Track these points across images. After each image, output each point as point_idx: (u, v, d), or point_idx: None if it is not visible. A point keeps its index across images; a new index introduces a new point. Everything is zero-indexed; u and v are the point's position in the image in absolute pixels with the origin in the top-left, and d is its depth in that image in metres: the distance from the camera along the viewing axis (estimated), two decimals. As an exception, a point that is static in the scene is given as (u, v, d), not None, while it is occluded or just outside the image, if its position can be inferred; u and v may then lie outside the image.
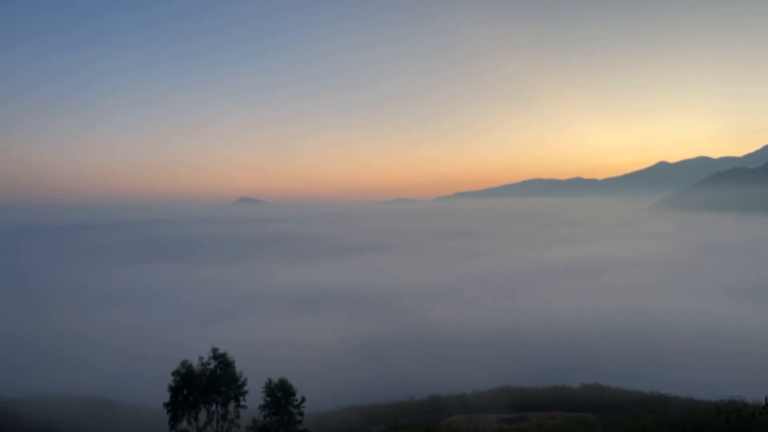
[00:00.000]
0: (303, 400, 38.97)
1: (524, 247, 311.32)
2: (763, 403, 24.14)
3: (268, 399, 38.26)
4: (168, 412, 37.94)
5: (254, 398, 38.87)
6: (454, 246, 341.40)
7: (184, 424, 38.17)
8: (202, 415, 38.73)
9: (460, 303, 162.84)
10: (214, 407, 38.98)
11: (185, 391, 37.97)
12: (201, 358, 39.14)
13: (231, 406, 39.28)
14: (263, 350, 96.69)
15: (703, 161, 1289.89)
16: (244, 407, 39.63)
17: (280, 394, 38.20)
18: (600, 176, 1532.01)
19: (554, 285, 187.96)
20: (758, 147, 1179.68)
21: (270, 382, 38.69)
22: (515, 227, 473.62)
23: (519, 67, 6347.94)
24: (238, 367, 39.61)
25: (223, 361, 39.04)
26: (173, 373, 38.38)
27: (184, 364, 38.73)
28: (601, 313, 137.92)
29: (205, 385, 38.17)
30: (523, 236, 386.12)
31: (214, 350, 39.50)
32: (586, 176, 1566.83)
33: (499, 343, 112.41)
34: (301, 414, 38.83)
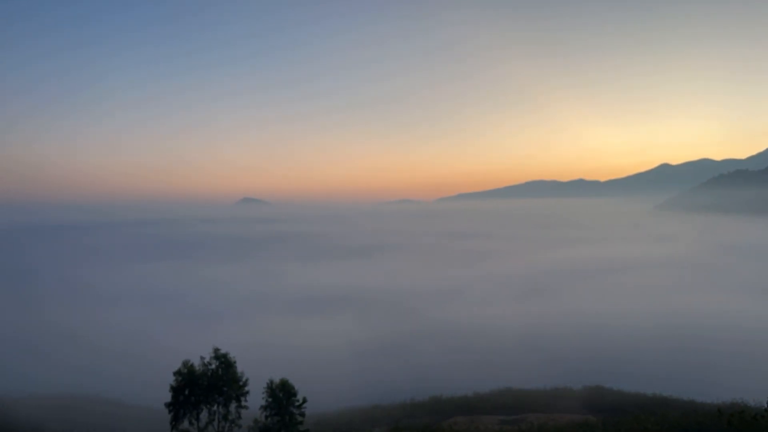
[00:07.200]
0: (304, 400, 38.98)
1: (530, 249, 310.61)
2: (766, 405, 24.00)
3: (270, 399, 38.29)
4: (169, 411, 38.07)
5: (256, 399, 38.92)
6: (459, 247, 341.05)
7: (185, 424, 38.27)
8: (204, 415, 38.80)
9: (465, 305, 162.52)
10: (215, 407, 39.02)
11: (187, 391, 38.06)
12: (202, 358, 39.20)
13: (232, 406, 39.30)
14: (266, 351, 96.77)
15: (705, 163, 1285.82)
16: (246, 407, 39.65)
17: (282, 395, 38.21)
18: (602, 178, 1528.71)
19: (560, 286, 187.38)
20: (761, 149, 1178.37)
21: (271, 382, 38.72)
22: (520, 229, 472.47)
23: (520, 67, 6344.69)
24: (240, 367, 39.68)
25: (224, 362, 39.08)
26: (175, 373, 38.48)
27: (185, 364, 38.82)
28: (606, 314, 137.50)
29: (207, 385, 38.23)
30: (528, 238, 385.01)
31: (216, 350, 39.57)
32: (588, 178, 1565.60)
33: (502, 344, 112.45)
34: (303, 415, 38.86)
